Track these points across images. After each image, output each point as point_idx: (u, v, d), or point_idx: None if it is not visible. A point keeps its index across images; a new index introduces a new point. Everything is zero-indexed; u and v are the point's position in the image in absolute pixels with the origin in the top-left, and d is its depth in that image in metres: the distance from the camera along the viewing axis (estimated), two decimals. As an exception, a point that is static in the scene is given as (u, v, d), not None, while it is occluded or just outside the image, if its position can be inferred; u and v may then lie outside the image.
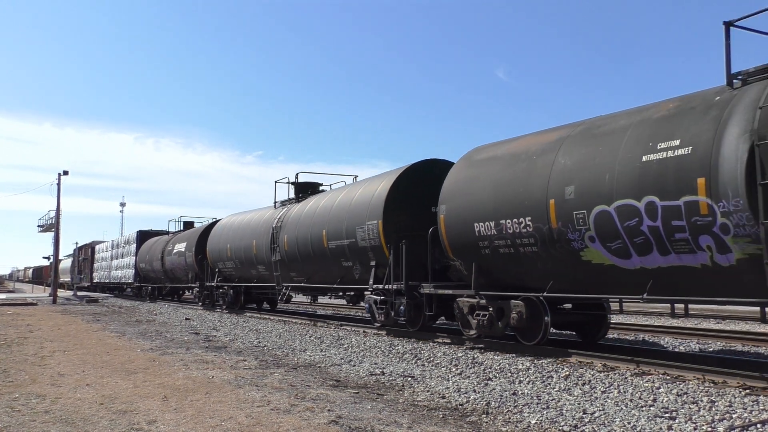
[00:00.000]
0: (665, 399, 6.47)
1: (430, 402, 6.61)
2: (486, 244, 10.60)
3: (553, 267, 9.61)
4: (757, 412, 5.83)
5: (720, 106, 7.63)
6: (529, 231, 9.75)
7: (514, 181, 10.14)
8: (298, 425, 5.46)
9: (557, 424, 5.54)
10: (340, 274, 15.60)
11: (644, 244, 8.14)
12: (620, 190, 8.34)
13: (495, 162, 10.87)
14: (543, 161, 9.77)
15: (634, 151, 8.29)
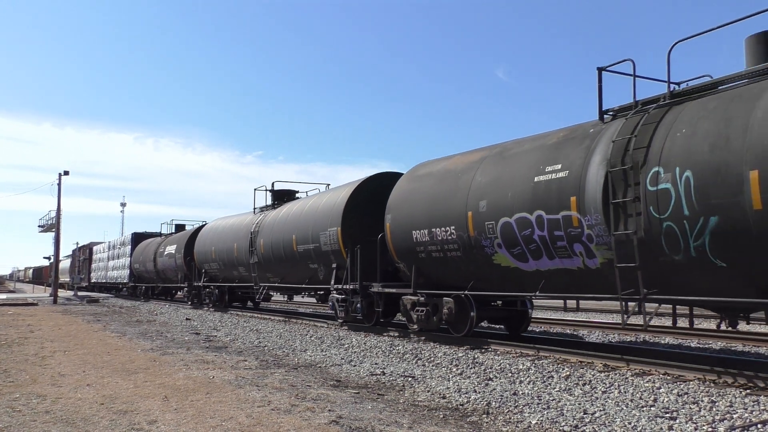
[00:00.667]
0: (666, 399, 6.47)
1: (431, 402, 6.61)
2: (422, 249, 12.26)
3: (473, 269, 11.20)
4: (757, 413, 5.83)
5: (591, 137, 9.24)
6: (453, 238, 11.37)
7: (443, 195, 11.79)
8: (299, 425, 5.46)
9: (558, 425, 5.54)
10: (308, 275, 17.16)
11: (536, 250, 9.74)
12: (518, 204, 9.98)
13: (430, 177, 12.58)
14: (465, 178, 11.41)
15: (529, 173, 9.93)
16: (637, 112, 8.89)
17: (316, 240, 16.13)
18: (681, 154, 7.75)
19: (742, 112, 7.28)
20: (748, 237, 6.93)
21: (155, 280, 33.56)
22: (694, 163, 7.55)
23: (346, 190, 15.58)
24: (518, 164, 10.29)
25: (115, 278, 42.26)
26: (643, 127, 8.42)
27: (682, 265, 7.79)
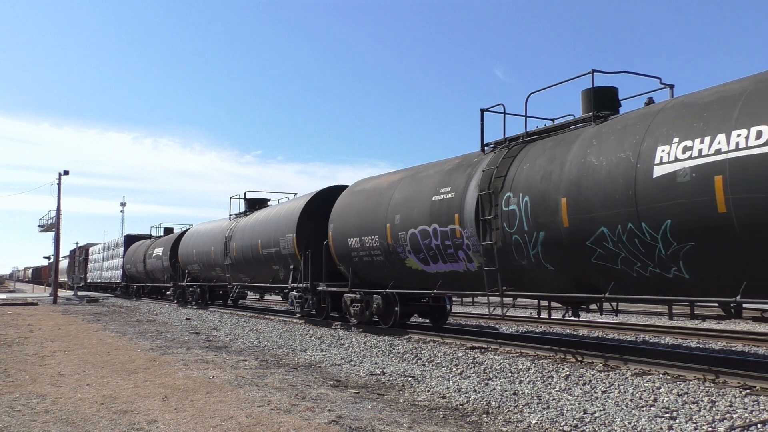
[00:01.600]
0: (666, 399, 6.47)
1: (431, 402, 6.61)
2: (356, 254, 14.40)
3: (392, 271, 13.44)
4: (757, 412, 5.83)
5: (473, 166, 11.47)
6: (377, 245, 13.53)
7: (370, 209, 13.92)
8: (299, 425, 5.46)
9: (558, 424, 5.54)
10: (272, 275, 19.27)
11: (434, 255, 11.97)
12: (421, 218, 12.15)
13: (363, 194, 14.73)
14: (386, 195, 13.61)
15: (429, 193, 12.13)
16: (504, 147, 11.14)
17: (276, 244, 18.24)
18: (523, 183, 9.96)
19: (562, 153, 9.46)
20: (562, 247, 9.18)
21: (145, 280, 35.49)
22: (531, 191, 9.74)
23: (302, 201, 17.71)
24: (423, 185, 12.52)
25: (109, 278, 44.27)
26: (503, 160, 10.64)
27: (527, 268, 10.03)
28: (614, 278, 8.72)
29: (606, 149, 8.75)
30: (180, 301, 28.98)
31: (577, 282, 9.40)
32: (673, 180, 7.63)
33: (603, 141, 8.93)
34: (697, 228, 7.40)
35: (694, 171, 7.42)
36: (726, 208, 7.09)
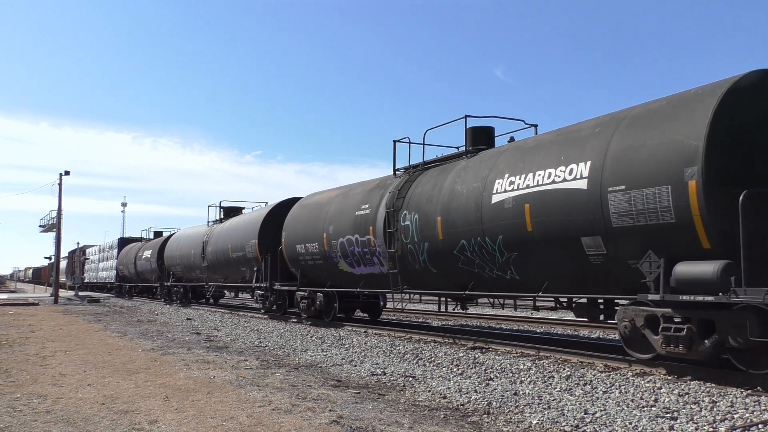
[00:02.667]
0: (667, 399, 6.47)
1: (432, 402, 6.61)
2: (302, 258, 17.02)
3: (329, 273, 15.99)
4: (758, 413, 5.83)
5: (385, 188, 13.95)
6: (317, 251, 16.12)
7: (313, 220, 16.51)
8: (300, 425, 5.46)
9: (558, 425, 5.54)
10: (241, 276, 21.84)
11: (358, 260, 14.47)
12: (348, 229, 14.66)
13: (308, 207, 17.36)
14: (324, 209, 16.20)
15: (354, 208, 14.69)
16: (407, 172, 13.70)
17: (243, 249, 20.81)
18: (415, 203, 12.48)
19: (441, 181, 12.00)
20: (440, 255, 11.71)
21: (136, 280, 38.28)
22: (419, 210, 12.26)
23: (264, 212, 20.41)
24: (350, 202, 15.09)
25: (104, 278, 47.21)
26: (404, 184, 13.10)
27: (418, 271, 12.56)
28: (474, 279, 11.28)
29: (467, 179, 11.26)
30: (167, 300, 31.55)
31: (452, 282, 11.94)
32: (502, 206, 10.11)
33: (467, 173, 11.44)
34: (518, 242, 9.86)
35: (514, 200, 9.88)
36: (531, 227, 9.51)
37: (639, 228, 7.96)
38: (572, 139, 9.44)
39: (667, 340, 7.66)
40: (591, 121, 9.61)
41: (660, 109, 8.27)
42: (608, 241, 8.42)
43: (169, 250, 30.05)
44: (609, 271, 8.66)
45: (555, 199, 9.12)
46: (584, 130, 9.41)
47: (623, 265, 8.37)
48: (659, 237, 7.80)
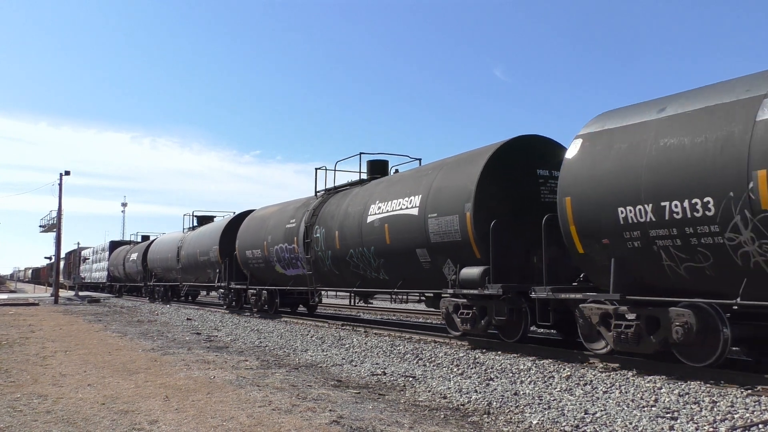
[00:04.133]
0: (667, 399, 6.47)
1: (432, 402, 6.61)
2: (251, 261, 20.45)
3: (270, 274, 19.71)
4: (759, 413, 5.83)
5: (307, 206, 17.49)
6: (260, 256, 19.75)
7: (257, 231, 20.12)
8: (300, 425, 5.46)
9: (559, 425, 5.54)
10: (207, 277, 25.45)
11: (288, 264, 18.26)
12: (280, 239, 18.41)
13: (255, 219, 21.00)
14: (266, 222, 19.80)
15: (285, 222, 18.39)
16: (322, 195, 17.39)
17: (208, 253, 24.56)
18: (323, 220, 16.04)
19: (342, 203, 15.51)
20: (339, 260, 15.26)
21: (124, 280, 41.90)
22: (325, 225, 15.86)
23: (224, 222, 24.20)
24: (283, 217, 18.78)
25: (97, 278, 51.11)
26: (319, 204, 16.85)
27: (327, 273, 16.22)
28: (361, 279, 14.84)
29: (355, 203, 14.78)
30: (151, 298, 34.49)
31: (348, 281, 15.53)
32: (373, 224, 13.64)
33: (356, 198, 15.00)
34: (383, 251, 13.39)
35: (380, 220, 13.41)
36: (390, 241, 13.05)
37: (443, 243, 11.62)
38: (417, 177, 13.05)
39: (464, 321, 11.35)
40: (431, 164, 13.40)
41: (461, 160, 12.07)
42: (430, 252, 12.01)
43: (152, 253, 33.59)
44: (434, 274, 12.14)
45: (402, 221, 12.73)
46: (424, 170, 13.15)
47: (439, 269, 11.89)
48: (454, 250, 11.43)
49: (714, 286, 7.60)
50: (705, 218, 7.36)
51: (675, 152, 7.79)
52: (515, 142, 11.39)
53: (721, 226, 7.25)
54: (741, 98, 7.41)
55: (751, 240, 7.03)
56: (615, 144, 8.67)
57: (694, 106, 7.95)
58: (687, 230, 7.58)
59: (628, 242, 8.25)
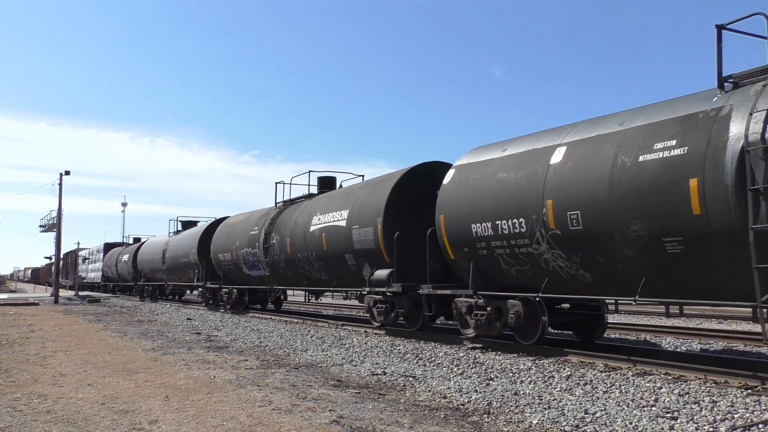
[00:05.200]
0: (667, 399, 6.47)
1: (432, 402, 6.61)
2: (223, 263, 23.27)
3: (238, 275, 22.39)
4: (759, 413, 5.83)
5: (268, 215, 19.95)
6: (230, 259, 22.36)
7: (228, 236, 22.86)
8: (300, 425, 5.46)
9: (559, 424, 5.54)
10: (188, 277, 28.05)
11: (252, 265, 20.63)
12: (246, 244, 20.84)
13: (227, 226, 23.57)
14: (235, 229, 22.42)
15: (249, 230, 20.78)
16: (280, 206, 20.06)
17: (188, 256, 27.19)
18: (278, 228, 18.65)
19: (294, 214, 18.00)
20: (290, 263, 17.73)
21: (117, 280, 44.62)
22: (279, 233, 18.43)
23: (202, 228, 27.23)
24: (249, 224, 21.17)
25: (92, 278, 53.91)
26: (276, 214, 19.49)
27: (282, 274, 18.74)
28: (308, 279, 17.44)
29: (303, 215, 17.38)
30: (141, 297, 36.91)
31: (298, 281, 18.18)
32: (314, 233, 16.21)
33: (304, 210, 17.57)
34: (321, 256, 15.94)
35: (319, 230, 15.97)
36: (326, 248, 15.57)
37: (363, 250, 14.09)
38: (347, 194, 15.69)
39: (380, 313, 13.86)
40: (359, 183, 16.37)
41: (379, 181, 14.66)
42: (355, 257, 14.50)
43: (141, 255, 36.43)
44: (358, 275, 14.68)
45: (335, 230, 15.20)
46: (354, 188, 15.84)
47: (361, 271, 14.40)
48: (370, 255, 13.93)
49: (533, 283, 10.12)
50: (521, 233, 9.92)
51: (506, 184, 10.34)
52: (420, 167, 13.92)
53: (530, 239, 9.79)
54: (545, 146, 9.97)
55: (547, 249, 9.54)
56: (472, 175, 11.29)
57: (520, 149, 10.51)
58: (512, 242, 10.15)
59: (479, 250, 10.86)
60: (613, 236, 8.50)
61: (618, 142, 8.67)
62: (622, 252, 8.46)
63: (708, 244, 7.48)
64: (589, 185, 8.83)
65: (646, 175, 8.08)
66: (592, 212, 8.74)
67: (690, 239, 7.61)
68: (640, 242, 8.18)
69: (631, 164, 8.31)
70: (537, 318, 10.16)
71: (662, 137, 8.07)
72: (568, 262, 9.32)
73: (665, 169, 7.85)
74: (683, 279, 7.96)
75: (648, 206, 8.02)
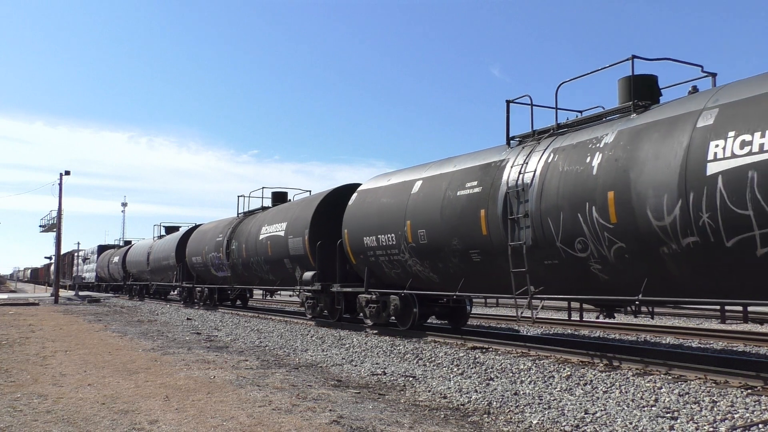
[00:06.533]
0: (667, 399, 6.47)
1: (432, 402, 6.61)
2: (196, 265, 26.52)
3: (208, 275, 25.43)
4: (759, 412, 5.83)
5: (233, 223, 23.21)
6: (201, 261, 25.58)
7: (200, 242, 25.81)
8: (300, 425, 5.46)
9: (559, 424, 5.54)
10: (170, 278, 30.80)
11: (218, 267, 23.89)
12: (213, 249, 23.98)
13: (200, 233, 26.82)
14: (207, 235, 25.13)
15: (216, 236, 23.85)
16: (242, 216, 23.07)
17: (168, 258, 30.31)
18: (237, 236, 21.97)
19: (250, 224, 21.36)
20: (245, 265, 21.14)
21: (108, 280, 48.29)
22: (238, 240, 21.71)
23: (179, 234, 30.32)
24: (216, 232, 24.25)
25: (87, 278, 57.14)
26: (238, 223, 22.54)
27: (240, 274, 21.91)
28: (260, 279, 20.56)
29: (256, 225, 20.53)
30: (130, 296, 39.82)
31: (253, 281, 21.39)
32: (262, 241, 19.34)
33: (257, 221, 20.68)
34: (268, 260, 19.13)
35: (266, 239, 19.02)
36: (271, 253, 18.69)
37: (296, 255, 17.28)
38: (287, 209, 18.96)
39: (308, 308, 17.10)
40: (298, 200, 19.50)
41: (312, 198, 17.81)
42: (290, 261, 17.71)
43: (129, 257, 39.64)
44: (293, 275, 17.84)
45: (276, 239, 18.46)
46: (294, 204, 19.20)
47: (294, 273, 17.75)
48: (301, 260, 17.14)
49: (404, 282, 13.27)
50: (393, 245, 13.04)
51: (385, 207, 13.43)
52: (339, 189, 17.02)
53: (398, 249, 12.90)
54: (410, 179, 13.16)
55: (409, 257, 12.66)
56: (367, 198, 14.39)
57: (397, 180, 13.67)
58: (388, 251, 13.27)
59: (370, 257, 13.99)
60: (444, 248, 11.57)
61: (449, 180, 11.76)
62: (450, 260, 11.55)
63: (492, 255, 10.52)
64: (430, 211, 11.91)
65: (460, 205, 11.15)
66: (433, 231, 11.79)
67: (483, 252, 10.69)
68: (458, 253, 11.25)
69: (453, 197, 11.38)
70: (411, 309, 13.24)
71: (470, 179, 11.16)
72: (422, 267, 12.46)
73: (470, 202, 10.94)
74: (482, 279, 11.15)
75: (461, 227, 11.07)
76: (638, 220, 7.96)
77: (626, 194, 8.09)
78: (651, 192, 7.80)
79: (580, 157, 9.02)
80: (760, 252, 6.80)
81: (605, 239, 8.46)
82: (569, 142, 9.52)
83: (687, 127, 7.63)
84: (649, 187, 7.82)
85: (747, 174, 6.77)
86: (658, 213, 7.70)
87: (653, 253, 7.93)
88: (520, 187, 9.84)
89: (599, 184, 8.50)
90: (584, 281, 9.18)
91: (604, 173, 8.47)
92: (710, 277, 7.50)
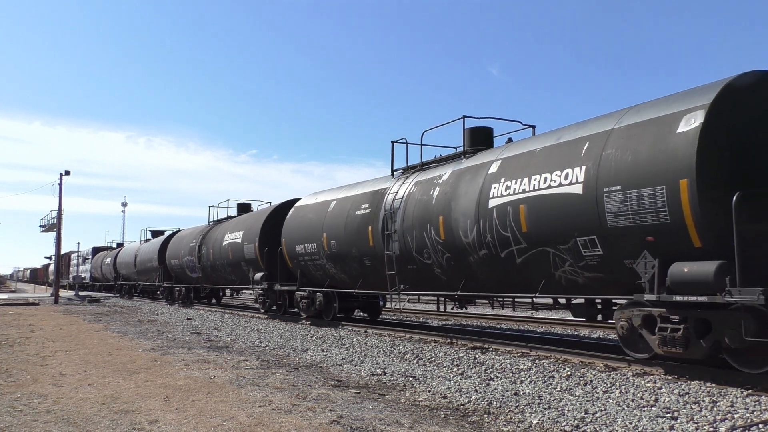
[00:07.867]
0: (667, 399, 6.47)
1: (432, 402, 6.61)
2: (174, 267, 29.33)
3: (184, 276, 28.30)
4: (759, 412, 5.83)
5: (204, 232, 26.43)
6: (179, 264, 28.59)
7: (179, 246, 28.95)
8: (300, 425, 5.46)
9: (559, 424, 5.54)
10: (155, 278, 33.17)
11: (192, 269, 26.85)
12: (188, 252, 26.96)
13: (178, 238, 29.68)
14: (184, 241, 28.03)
15: (191, 241, 27.29)
16: (212, 224, 26.32)
17: (152, 261, 32.80)
18: (206, 242, 25.13)
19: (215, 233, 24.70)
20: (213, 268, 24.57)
21: (102, 280, 51.43)
22: (207, 246, 24.94)
23: (162, 238, 32.80)
24: (190, 237, 27.15)
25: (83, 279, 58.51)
26: (208, 231, 25.64)
27: (209, 274, 25.17)
28: (224, 279, 23.56)
29: (220, 233, 23.56)
30: (120, 294, 42.44)
31: (218, 281, 24.39)
32: (225, 247, 22.37)
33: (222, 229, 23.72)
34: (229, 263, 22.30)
35: (227, 244, 22.29)
36: (231, 256, 21.89)
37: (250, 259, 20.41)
38: (244, 220, 21.95)
39: (262, 303, 20.54)
40: (256, 212, 22.31)
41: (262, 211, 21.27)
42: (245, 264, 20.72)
43: (119, 258, 42.43)
44: (248, 276, 20.38)
45: (235, 245, 21.46)
46: (251, 215, 22.06)
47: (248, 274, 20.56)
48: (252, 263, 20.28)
49: (326, 282, 16.23)
50: (315, 252, 16.08)
51: (310, 221, 16.51)
52: (285, 203, 20.06)
53: (319, 256, 15.92)
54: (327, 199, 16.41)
55: (326, 262, 15.67)
56: (299, 213, 17.43)
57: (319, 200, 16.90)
58: (312, 257, 16.27)
59: (300, 262, 17.01)
60: (348, 255, 14.68)
61: (351, 202, 14.88)
62: (352, 264, 14.66)
63: (377, 261, 13.58)
64: (339, 226, 15.02)
65: (356, 222, 14.32)
66: (341, 241, 14.89)
67: (372, 258, 13.78)
68: (357, 259, 14.38)
69: (353, 215, 14.55)
70: (332, 303, 16.05)
71: (365, 202, 14.36)
72: (336, 270, 15.49)
73: (363, 220, 14.10)
74: (373, 279, 14.16)
75: (357, 240, 14.18)
76: (455, 237, 11.07)
77: (449, 219, 11.24)
78: (461, 218, 10.93)
79: (427, 189, 12.21)
80: (518, 261, 9.84)
81: (439, 251, 11.60)
82: (424, 177, 12.65)
83: (483, 172, 10.83)
84: (460, 215, 10.95)
85: (507, 208, 9.86)
86: (465, 233, 10.82)
87: (465, 261, 11.07)
88: (393, 209, 13.03)
89: (435, 211, 11.65)
90: (432, 281, 12.35)
91: (438, 203, 11.63)
92: (496, 278, 10.65)
